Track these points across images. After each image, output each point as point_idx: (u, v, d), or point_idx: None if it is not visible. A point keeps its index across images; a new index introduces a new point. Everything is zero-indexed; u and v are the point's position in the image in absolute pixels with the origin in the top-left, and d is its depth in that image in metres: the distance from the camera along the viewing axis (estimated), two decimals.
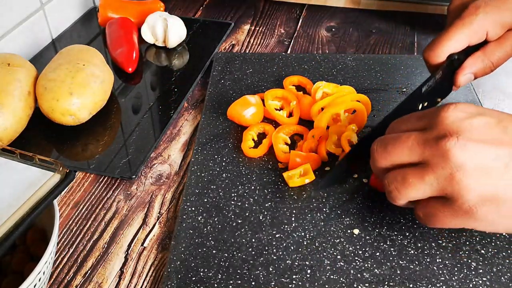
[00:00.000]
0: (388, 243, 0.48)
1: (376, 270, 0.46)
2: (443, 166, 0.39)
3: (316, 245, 0.48)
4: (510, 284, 0.45)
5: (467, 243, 0.48)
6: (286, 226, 0.50)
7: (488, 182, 0.38)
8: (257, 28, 0.86)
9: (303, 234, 0.49)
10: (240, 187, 0.54)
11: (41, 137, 0.63)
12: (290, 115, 0.63)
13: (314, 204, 0.52)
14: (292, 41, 0.82)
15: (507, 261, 0.47)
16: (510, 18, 0.49)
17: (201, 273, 0.46)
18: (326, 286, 0.45)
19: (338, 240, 0.49)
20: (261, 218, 0.51)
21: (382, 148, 0.43)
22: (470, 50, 0.51)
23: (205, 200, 0.53)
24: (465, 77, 0.51)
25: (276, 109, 0.63)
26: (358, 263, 0.47)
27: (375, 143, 0.44)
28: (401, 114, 0.47)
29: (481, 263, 0.46)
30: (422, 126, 0.42)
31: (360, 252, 0.47)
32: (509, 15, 0.49)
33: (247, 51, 0.80)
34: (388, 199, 0.44)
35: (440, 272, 0.46)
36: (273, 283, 0.45)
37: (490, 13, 0.49)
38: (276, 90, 0.64)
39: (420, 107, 0.50)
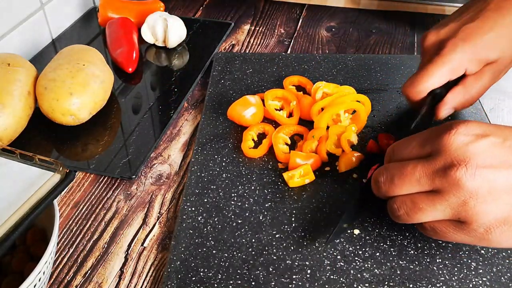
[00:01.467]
0: (388, 243, 0.48)
1: (376, 270, 0.46)
2: (455, 194, 0.38)
3: (316, 245, 0.48)
4: (510, 284, 0.45)
5: None
6: (286, 226, 0.50)
7: (501, 205, 0.38)
8: (257, 28, 0.86)
9: (303, 234, 0.49)
10: (240, 187, 0.54)
11: (41, 137, 0.63)
12: (290, 115, 0.63)
13: (314, 204, 0.52)
14: (292, 41, 0.82)
15: (507, 261, 0.47)
16: (486, 54, 0.52)
17: (201, 273, 0.46)
18: (326, 286, 0.45)
19: (338, 240, 0.49)
20: (261, 218, 0.51)
21: (388, 181, 0.42)
22: (450, 84, 0.53)
23: (205, 200, 0.53)
24: (446, 111, 0.54)
25: (276, 109, 0.63)
26: (358, 263, 0.47)
27: (379, 174, 0.43)
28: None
29: (481, 263, 0.46)
30: (425, 153, 0.41)
31: (360, 252, 0.47)
32: (486, 51, 0.52)
33: (247, 51, 0.80)
34: (395, 220, 0.43)
35: (440, 272, 0.46)
36: (273, 283, 0.45)
37: (468, 51, 0.51)
38: (276, 90, 0.64)
39: None
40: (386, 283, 0.45)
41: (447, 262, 0.46)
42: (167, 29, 0.76)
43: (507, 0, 0.52)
